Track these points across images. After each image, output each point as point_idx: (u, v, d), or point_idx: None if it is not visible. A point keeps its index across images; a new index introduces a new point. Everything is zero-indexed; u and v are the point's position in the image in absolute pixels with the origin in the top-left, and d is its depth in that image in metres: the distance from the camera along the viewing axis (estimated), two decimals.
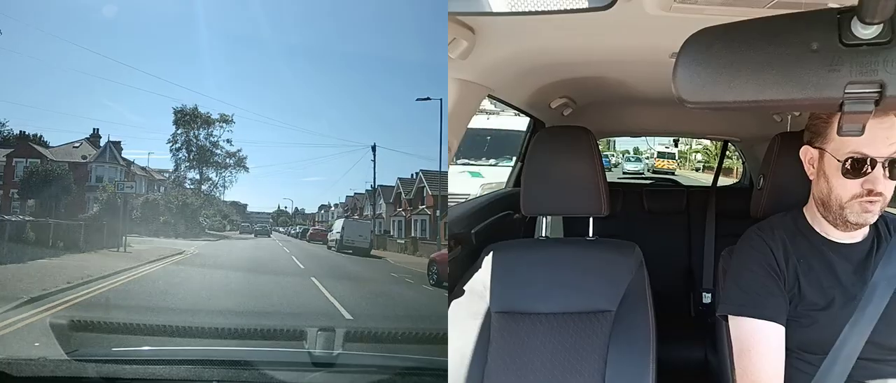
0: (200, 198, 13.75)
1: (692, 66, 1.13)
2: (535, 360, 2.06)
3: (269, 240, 15.68)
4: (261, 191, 18.20)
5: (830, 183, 1.61)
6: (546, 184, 2.28)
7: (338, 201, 17.10)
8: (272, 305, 6.18)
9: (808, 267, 1.67)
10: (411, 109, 17.25)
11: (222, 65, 14.95)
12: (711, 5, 1.68)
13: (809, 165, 1.70)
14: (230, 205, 15.77)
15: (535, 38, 2.14)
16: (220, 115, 13.46)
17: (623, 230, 2.51)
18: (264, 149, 17.14)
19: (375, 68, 14.49)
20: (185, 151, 13.73)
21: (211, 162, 13.75)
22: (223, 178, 14.09)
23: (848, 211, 1.59)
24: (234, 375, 1.80)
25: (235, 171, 14.02)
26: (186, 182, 14.02)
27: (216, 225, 14.92)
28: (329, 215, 16.99)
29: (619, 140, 15.29)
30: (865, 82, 1.04)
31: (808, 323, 1.64)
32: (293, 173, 18.84)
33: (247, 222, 16.24)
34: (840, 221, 1.63)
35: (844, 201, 1.59)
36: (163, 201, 13.23)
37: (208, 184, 14.08)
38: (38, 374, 1.72)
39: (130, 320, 3.67)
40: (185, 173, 13.99)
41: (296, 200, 17.95)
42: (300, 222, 17.13)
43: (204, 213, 14.23)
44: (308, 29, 14.18)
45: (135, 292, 6.34)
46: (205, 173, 13.93)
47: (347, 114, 17.04)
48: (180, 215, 13.20)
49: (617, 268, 2.16)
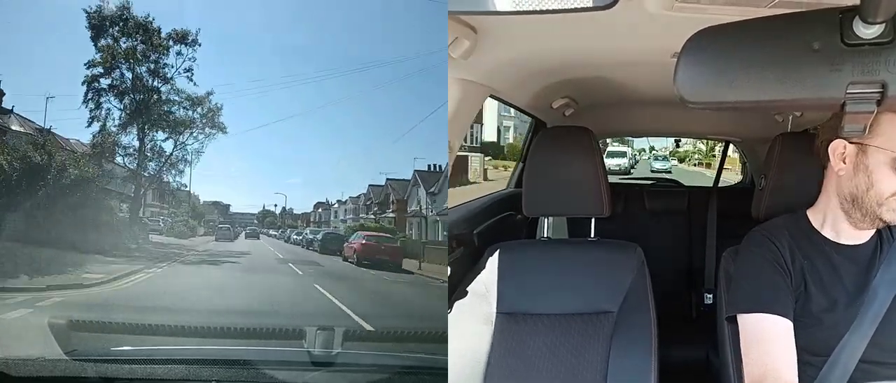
0: (97, 167, 7.58)
1: (694, 66, 1.13)
2: (536, 361, 2.05)
3: (268, 249, 11.46)
4: (245, 190, 15.28)
5: (873, 177, 1.56)
6: (547, 185, 2.27)
7: (343, 196, 12.98)
8: (271, 304, 6.15)
9: (812, 268, 1.66)
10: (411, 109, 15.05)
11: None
12: (713, 5, 1.68)
13: (840, 161, 1.63)
14: (211, 204, 12.21)
15: (536, 38, 2.14)
16: (174, 32, 8.00)
17: (624, 230, 2.51)
18: (249, 145, 13.33)
19: (375, 67, 13.15)
20: (114, 96, 8.05)
21: (162, 117, 8.41)
22: (184, 147, 8.77)
23: (885, 208, 1.56)
24: (233, 374, 1.80)
25: (206, 135, 8.78)
26: (118, 155, 8.29)
27: (178, 227, 10.57)
28: (331, 214, 13.24)
29: (636, 141, 15.29)
30: (867, 82, 1.03)
31: (811, 325, 1.63)
32: (280, 172, 14.45)
33: (227, 224, 12.20)
34: (869, 219, 1.60)
35: (885, 197, 1.55)
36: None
37: (157, 158, 8.64)
38: (37, 374, 1.71)
39: (129, 320, 3.66)
40: (116, 136, 8.14)
41: (284, 198, 13.77)
42: (291, 224, 13.27)
43: (170, 211, 9.97)
44: (308, 29, 12.85)
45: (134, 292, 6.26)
46: (149, 136, 8.39)
47: (346, 113, 15.08)
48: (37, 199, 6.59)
49: (618, 269, 2.16)
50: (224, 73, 11.63)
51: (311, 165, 13.39)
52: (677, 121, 4.17)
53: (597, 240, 2.33)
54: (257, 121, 13.29)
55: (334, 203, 13.33)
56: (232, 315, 5.18)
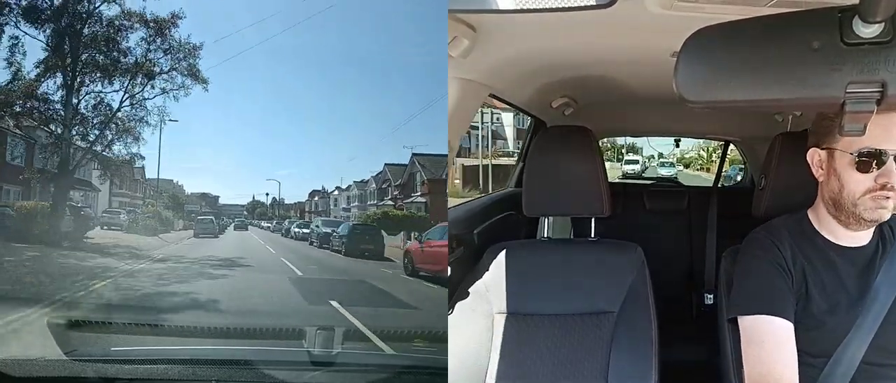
0: None
1: (693, 65, 1.13)
2: (536, 362, 2.05)
3: (262, 250, 9.21)
4: (233, 182, 14.25)
5: (842, 180, 1.59)
6: (547, 185, 2.27)
7: (344, 183, 10.91)
8: (271, 304, 6.11)
9: (813, 270, 1.66)
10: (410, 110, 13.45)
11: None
12: (712, 4, 1.68)
13: (818, 168, 1.68)
14: (199, 196, 10.81)
15: (536, 37, 2.13)
16: None
17: (624, 230, 2.50)
18: (239, 138, 12.17)
19: (374, 67, 11.62)
20: (25, 19, 5.02)
21: (104, 53, 5.37)
22: (142, 103, 5.95)
23: (861, 207, 1.58)
24: (233, 374, 1.80)
25: (178, 87, 6.15)
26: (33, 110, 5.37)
27: (145, 221, 8.19)
28: (329, 203, 11.53)
29: (645, 149, 16.15)
30: (867, 81, 1.03)
31: (812, 327, 1.63)
32: (272, 161, 12.97)
33: (208, 214, 10.42)
34: (853, 220, 1.61)
35: (857, 197, 1.57)
36: None
37: (97, 117, 5.71)
38: (37, 374, 1.72)
39: (129, 319, 3.65)
40: (31, 83, 5.18)
41: (277, 186, 11.89)
42: (284, 214, 11.63)
43: (146, 202, 7.53)
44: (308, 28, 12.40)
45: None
46: (86, 83, 5.42)
47: (346, 113, 12.64)
48: None
49: (618, 269, 2.16)
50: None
51: (306, 148, 11.88)
52: (677, 120, 4.17)
53: (597, 240, 2.33)
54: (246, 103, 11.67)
55: (333, 190, 11.28)
56: (232, 315, 5.17)
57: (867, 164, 1.53)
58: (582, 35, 2.12)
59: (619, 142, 15.47)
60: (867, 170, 1.54)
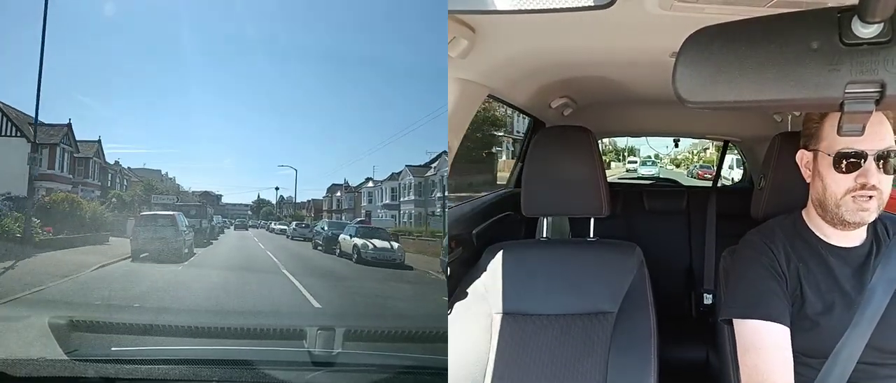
0: None
1: (692, 66, 1.13)
2: (536, 362, 2.05)
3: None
4: (237, 182, 13.90)
5: (825, 180, 1.62)
6: (546, 185, 2.27)
7: (375, 176, 9.42)
8: (271, 304, 6.11)
9: (807, 270, 1.67)
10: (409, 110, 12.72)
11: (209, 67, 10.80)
12: (712, 4, 1.68)
13: (806, 169, 1.72)
14: (201, 194, 10.08)
15: (535, 38, 2.14)
16: None
17: (623, 230, 2.51)
18: (242, 137, 11.93)
19: (373, 66, 11.33)
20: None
21: None
22: None
23: (843, 208, 1.60)
24: (233, 374, 1.80)
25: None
26: None
27: (95, 217, 6.25)
28: (350, 200, 10.11)
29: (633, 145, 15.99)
30: (866, 82, 1.03)
31: (808, 328, 1.63)
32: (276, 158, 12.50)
33: (162, 202, 8.99)
34: (837, 220, 1.63)
35: (839, 197, 1.60)
36: None
37: None
38: (38, 374, 1.72)
39: (129, 320, 3.65)
40: None
41: (293, 174, 10.90)
42: (296, 212, 10.57)
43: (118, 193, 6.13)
44: (308, 28, 11.44)
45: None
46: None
47: (344, 113, 12.30)
48: None
49: (618, 269, 2.16)
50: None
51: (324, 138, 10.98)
52: (676, 120, 4.17)
53: (596, 240, 2.33)
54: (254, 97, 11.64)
55: (367, 182, 9.52)
56: (232, 315, 5.17)
57: (847, 164, 1.56)
58: (581, 35, 2.12)
59: (620, 144, 15.48)
60: (847, 170, 1.56)
